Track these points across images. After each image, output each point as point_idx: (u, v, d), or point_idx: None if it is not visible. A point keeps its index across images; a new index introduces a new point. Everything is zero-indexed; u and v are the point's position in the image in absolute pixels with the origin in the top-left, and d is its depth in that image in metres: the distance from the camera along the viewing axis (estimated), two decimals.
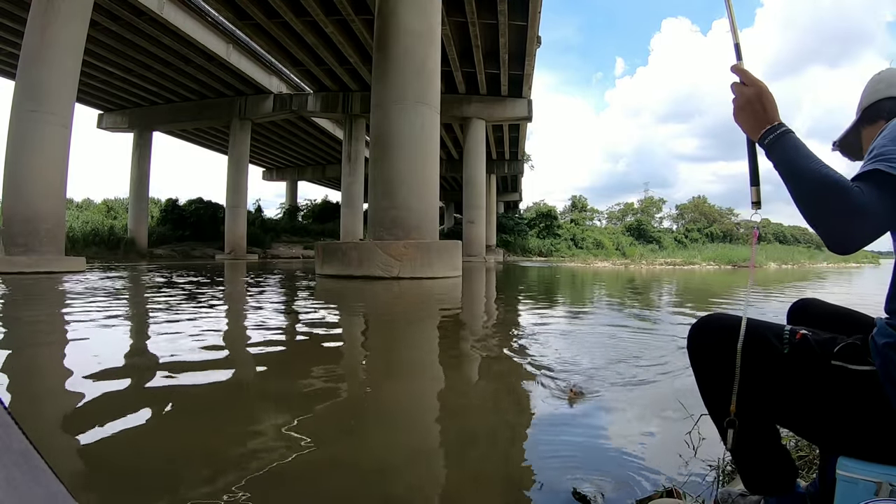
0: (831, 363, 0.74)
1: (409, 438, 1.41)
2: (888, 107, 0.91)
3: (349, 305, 4.96)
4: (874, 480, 0.69)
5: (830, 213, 0.67)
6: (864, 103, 0.96)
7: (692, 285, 9.02)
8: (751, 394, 0.81)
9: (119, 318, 3.65)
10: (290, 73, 20.77)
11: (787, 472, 0.86)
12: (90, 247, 18.22)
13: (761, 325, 0.82)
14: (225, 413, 1.59)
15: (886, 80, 0.94)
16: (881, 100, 0.92)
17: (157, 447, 1.28)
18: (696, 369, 0.86)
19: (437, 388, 1.96)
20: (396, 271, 7.77)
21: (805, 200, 0.69)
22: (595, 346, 2.79)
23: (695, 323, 0.87)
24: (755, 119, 0.76)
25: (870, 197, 0.66)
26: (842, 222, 0.66)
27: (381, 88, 8.82)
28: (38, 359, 2.43)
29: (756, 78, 0.77)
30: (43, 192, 9.08)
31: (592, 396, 1.70)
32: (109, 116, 23.26)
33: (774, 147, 0.73)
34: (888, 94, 0.92)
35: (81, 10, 9.53)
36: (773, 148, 0.73)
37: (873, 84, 0.96)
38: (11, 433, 0.33)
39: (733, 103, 0.78)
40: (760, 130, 0.75)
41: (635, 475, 1.12)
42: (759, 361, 0.79)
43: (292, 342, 2.90)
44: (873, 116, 0.93)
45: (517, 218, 41.62)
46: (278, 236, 28.56)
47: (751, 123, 0.76)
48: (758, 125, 0.75)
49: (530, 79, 19.70)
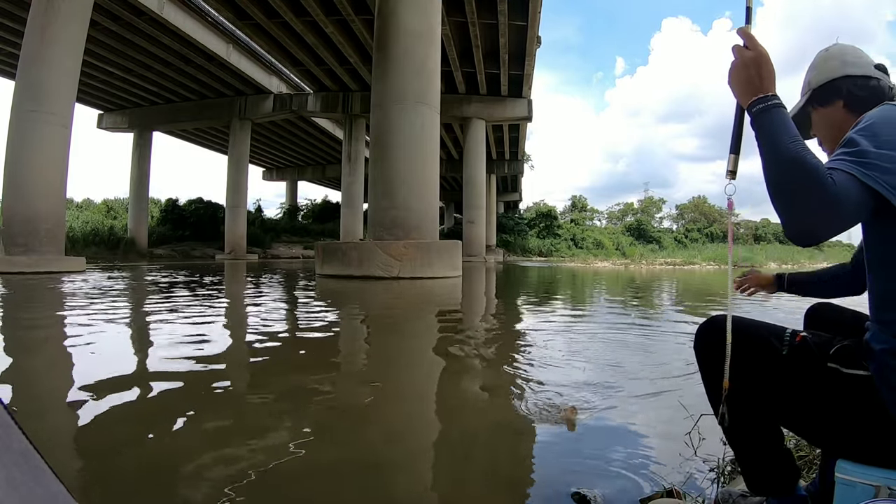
0: (827, 365, 0.74)
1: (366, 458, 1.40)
2: (845, 86, 0.86)
3: (348, 306, 4.97)
4: (873, 484, 0.69)
5: (799, 198, 0.63)
6: (812, 83, 0.91)
7: (692, 285, 9.02)
8: (753, 395, 0.81)
9: (119, 319, 3.65)
10: (290, 73, 20.78)
11: (789, 474, 0.86)
12: (90, 247, 18.22)
13: (763, 327, 0.83)
14: (224, 413, 1.59)
15: (838, 56, 0.89)
16: (836, 79, 0.87)
17: (157, 447, 1.28)
18: (702, 369, 0.87)
19: (428, 399, 1.96)
20: (396, 271, 7.77)
21: (776, 177, 0.66)
22: (597, 349, 2.79)
23: (702, 324, 0.87)
24: (749, 84, 0.72)
25: (842, 190, 0.63)
26: (811, 211, 0.63)
27: (381, 88, 8.82)
28: (38, 359, 2.43)
29: (760, 44, 0.72)
30: (43, 192, 9.08)
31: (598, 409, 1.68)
32: (109, 116, 23.27)
33: (761, 117, 0.69)
34: (844, 72, 0.87)
35: (81, 10, 9.53)
36: (760, 117, 0.69)
37: (822, 62, 0.90)
38: (11, 433, 0.33)
39: (731, 65, 0.74)
40: (751, 97, 0.71)
41: (635, 475, 1.12)
42: (759, 362, 0.79)
43: (292, 343, 2.90)
44: (828, 96, 0.88)
45: (517, 218, 41.63)
46: (278, 236, 28.57)
47: (743, 88, 0.73)
48: (750, 91, 0.72)
49: (530, 79, 19.71)
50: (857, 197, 0.64)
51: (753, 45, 0.72)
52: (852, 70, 0.86)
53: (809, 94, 0.91)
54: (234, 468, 1.13)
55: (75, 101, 9.80)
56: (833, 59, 0.89)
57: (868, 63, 0.87)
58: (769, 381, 0.79)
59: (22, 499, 0.31)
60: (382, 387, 1.95)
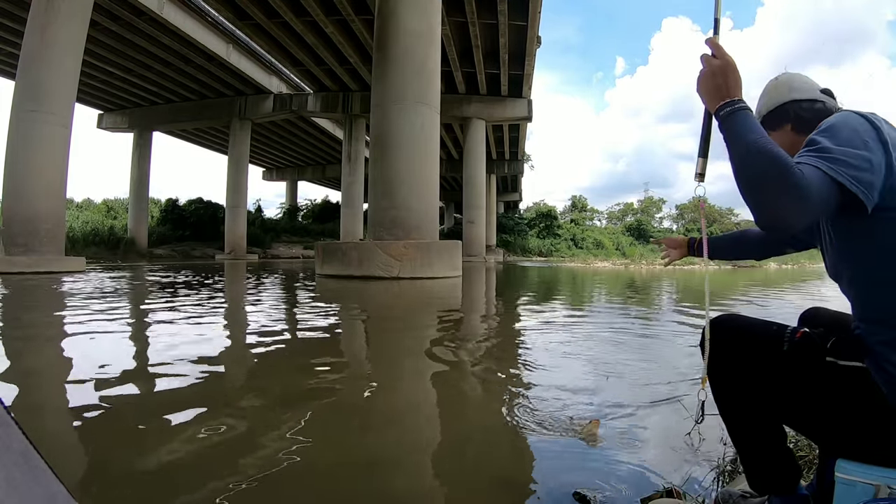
0: (826, 360, 0.75)
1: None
2: (792, 110, 0.92)
3: (348, 306, 4.96)
4: (873, 483, 0.69)
5: (770, 186, 0.65)
6: (763, 109, 0.97)
7: (692, 285, 9.02)
8: (755, 392, 0.82)
9: (119, 319, 3.65)
10: (290, 73, 20.78)
11: (791, 473, 0.87)
12: (90, 247, 18.23)
13: (764, 324, 0.84)
14: (224, 413, 1.59)
15: (786, 83, 0.94)
16: (784, 103, 0.93)
17: (157, 447, 1.28)
18: (708, 364, 0.88)
19: (426, 406, 1.96)
20: (396, 271, 7.77)
21: (746, 171, 0.68)
22: (597, 351, 2.79)
23: (708, 322, 0.89)
24: (716, 91, 0.75)
25: (809, 180, 0.65)
26: (779, 198, 0.65)
27: (381, 88, 8.82)
28: (38, 359, 2.43)
29: (727, 53, 0.76)
30: (43, 192, 9.08)
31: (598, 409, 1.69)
32: (109, 116, 23.27)
33: (728, 119, 0.72)
34: (790, 97, 0.92)
35: (81, 10, 9.53)
36: (727, 120, 0.72)
37: (772, 89, 0.96)
38: (11, 433, 0.33)
39: (700, 73, 0.78)
40: (719, 102, 0.74)
41: (635, 475, 1.12)
42: (760, 359, 0.81)
43: (291, 343, 2.90)
44: (777, 121, 0.93)
45: (517, 218, 41.64)
46: (278, 236, 28.57)
47: (711, 94, 0.76)
48: (717, 97, 0.75)
49: (530, 79, 19.71)
50: (823, 190, 0.66)
51: (721, 55, 0.76)
52: (798, 95, 0.92)
53: (760, 121, 0.94)
54: (233, 468, 1.13)
55: (75, 101, 9.80)
56: (781, 86, 0.95)
57: (814, 88, 0.93)
58: (771, 378, 0.80)
59: (22, 498, 0.31)
60: (381, 388, 1.95)
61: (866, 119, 0.73)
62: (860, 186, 0.67)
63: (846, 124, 0.73)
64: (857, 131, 0.71)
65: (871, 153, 0.69)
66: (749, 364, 0.81)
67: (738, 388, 0.84)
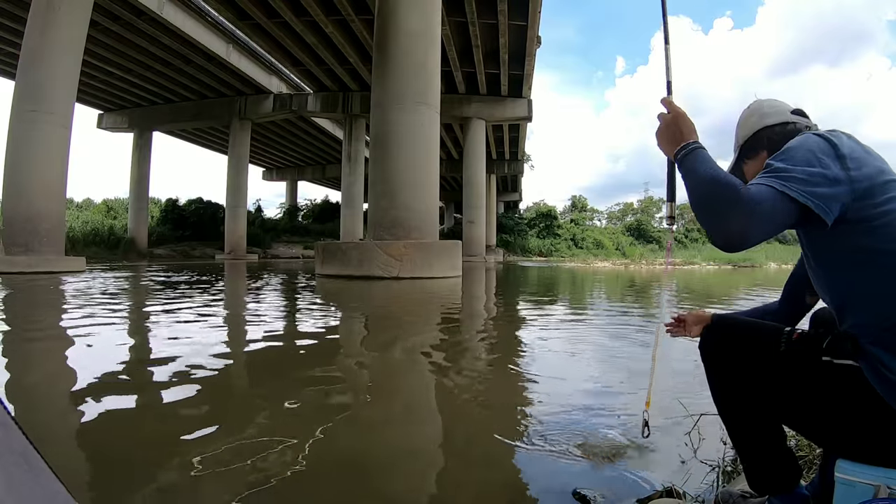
0: (822, 359, 0.76)
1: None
2: (766, 136, 0.95)
3: (348, 306, 4.97)
4: (872, 483, 0.69)
5: (718, 206, 0.70)
6: (739, 140, 1.00)
7: (692, 286, 9.02)
8: (754, 392, 0.83)
9: (120, 319, 3.65)
10: (290, 73, 20.77)
11: (791, 472, 0.87)
12: (90, 247, 18.23)
13: (762, 326, 0.86)
14: (224, 413, 1.59)
15: (756, 111, 0.98)
16: (757, 131, 0.96)
17: (157, 446, 1.28)
18: (708, 369, 0.90)
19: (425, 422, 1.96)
20: (396, 271, 7.76)
21: (698, 197, 0.74)
22: (598, 353, 2.79)
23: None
24: (672, 140, 0.82)
25: (759, 199, 0.69)
26: (728, 216, 0.69)
27: (381, 88, 8.82)
28: (38, 359, 2.43)
29: (678, 107, 0.84)
30: (43, 192, 9.08)
31: (598, 410, 1.69)
32: (109, 116, 23.27)
33: (684, 160, 0.78)
34: (762, 124, 0.96)
35: (81, 10, 9.53)
36: (684, 160, 0.78)
37: (745, 120, 1.00)
38: (11, 433, 0.33)
39: (657, 129, 0.85)
40: (675, 148, 0.81)
41: (635, 475, 1.13)
42: (758, 360, 0.81)
43: (291, 343, 2.90)
44: (754, 149, 0.97)
45: (517, 218, 41.64)
46: (278, 236, 28.58)
47: (669, 144, 0.83)
48: (674, 143, 0.81)
49: (530, 79, 19.70)
50: (777, 206, 0.70)
51: (673, 110, 0.84)
52: (770, 120, 0.95)
53: (739, 151, 1.00)
54: (233, 468, 1.13)
55: (75, 101, 9.80)
56: (753, 115, 0.99)
57: (784, 110, 0.96)
58: (768, 378, 0.81)
59: (22, 498, 0.31)
60: (381, 388, 1.95)
61: (823, 138, 0.77)
62: (814, 200, 0.70)
63: (801, 145, 0.77)
64: (812, 150, 0.75)
65: (826, 169, 0.72)
66: (746, 364, 0.82)
67: (736, 389, 0.85)
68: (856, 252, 0.74)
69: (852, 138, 0.79)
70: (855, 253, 0.74)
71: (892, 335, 0.70)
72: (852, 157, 0.74)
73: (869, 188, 0.73)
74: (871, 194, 0.72)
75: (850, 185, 0.72)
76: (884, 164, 0.78)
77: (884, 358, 0.70)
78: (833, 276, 0.79)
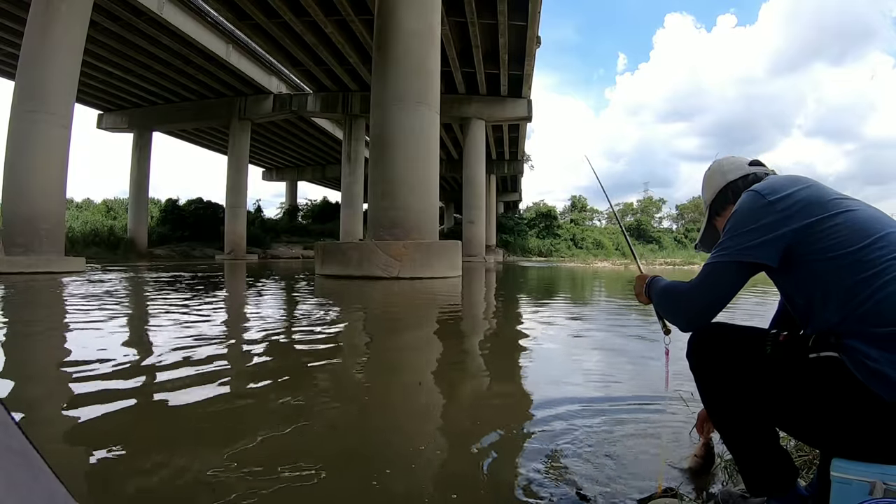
0: (808, 357, 0.76)
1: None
2: (730, 191, 1.01)
3: (348, 306, 4.97)
4: (868, 480, 0.69)
5: (675, 305, 0.93)
6: (707, 200, 1.07)
7: None
8: (743, 396, 0.84)
9: (120, 319, 3.65)
10: (290, 73, 20.77)
11: (786, 473, 0.87)
12: (90, 247, 18.24)
13: (747, 329, 0.88)
14: (223, 413, 1.60)
15: (717, 170, 1.05)
16: (721, 188, 1.03)
17: (157, 446, 1.29)
18: (696, 376, 0.92)
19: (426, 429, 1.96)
20: (396, 271, 7.76)
21: (661, 304, 0.98)
22: (598, 353, 2.79)
23: (693, 333, 0.92)
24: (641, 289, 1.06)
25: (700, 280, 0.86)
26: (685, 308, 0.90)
27: (381, 88, 8.82)
28: (38, 359, 2.44)
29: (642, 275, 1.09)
30: (43, 192, 9.08)
31: (599, 410, 1.69)
32: (109, 116, 23.26)
33: (650, 292, 1.02)
34: (725, 181, 1.02)
35: (81, 11, 9.53)
36: (650, 292, 1.02)
37: (709, 180, 1.07)
38: (11, 433, 0.33)
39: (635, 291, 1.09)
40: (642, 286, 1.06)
41: (635, 475, 1.13)
42: (744, 364, 0.83)
43: (291, 343, 2.90)
44: (721, 205, 1.03)
45: (517, 218, 41.65)
46: (278, 236, 28.58)
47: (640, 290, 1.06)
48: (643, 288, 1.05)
49: (530, 79, 19.70)
50: (724, 275, 0.85)
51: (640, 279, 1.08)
52: (731, 176, 1.02)
53: (708, 211, 1.08)
54: (233, 468, 1.13)
55: (75, 101, 9.80)
56: (715, 175, 1.06)
57: (742, 164, 1.03)
58: (756, 382, 0.82)
59: (21, 498, 0.31)
60: (381, 389, 1.95)
61: (758, 193, 0.86)
62: (747, 253, 0.82)
63: (739, 208, 0.88)
64: (745, 209, 0.86)
65: (758, 221, 0.82)
66: (733, 369, 0.84)
67: (724, 394, 0.86)
68: (815, 270, 0.79)
69: (792, 177, 0.88)
70: (815, 271, 0.79)
71: (864, 326, 0.72)
72: (782, 198, 0.82)
73: (807, 218, 0.80)
74: (812, 222, 0.79)
75: (787, 225, 0.80)
76: (823, 189, 0.85)
77: (861, 347, 0.71)
78: (801, 291, 0.83)
